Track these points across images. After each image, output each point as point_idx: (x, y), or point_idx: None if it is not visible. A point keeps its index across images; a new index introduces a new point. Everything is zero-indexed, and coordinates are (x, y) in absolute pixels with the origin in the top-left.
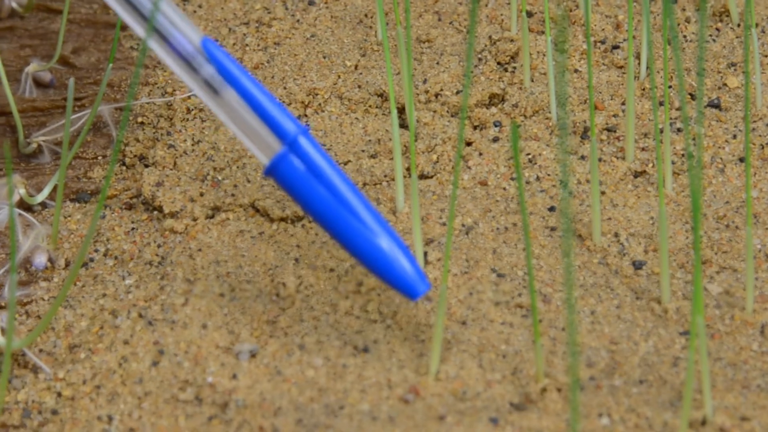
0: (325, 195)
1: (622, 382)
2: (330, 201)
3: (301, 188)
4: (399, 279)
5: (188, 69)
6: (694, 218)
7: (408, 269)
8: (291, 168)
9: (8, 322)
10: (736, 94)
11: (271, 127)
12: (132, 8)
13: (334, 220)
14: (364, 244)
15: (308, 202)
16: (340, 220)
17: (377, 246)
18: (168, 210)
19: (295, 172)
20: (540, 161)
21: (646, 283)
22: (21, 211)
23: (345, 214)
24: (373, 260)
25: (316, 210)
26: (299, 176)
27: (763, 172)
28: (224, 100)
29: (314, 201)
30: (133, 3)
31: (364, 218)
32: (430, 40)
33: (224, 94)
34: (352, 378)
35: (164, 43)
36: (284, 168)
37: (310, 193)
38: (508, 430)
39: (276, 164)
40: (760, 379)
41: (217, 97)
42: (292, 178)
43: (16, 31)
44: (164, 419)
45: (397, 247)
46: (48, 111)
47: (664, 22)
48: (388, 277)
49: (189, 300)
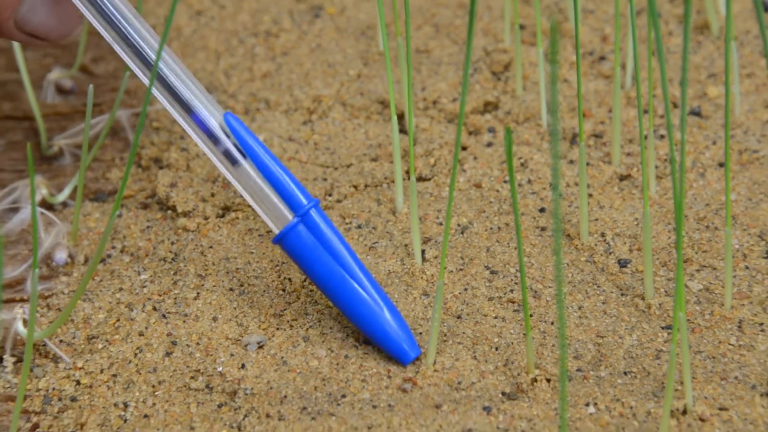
0: (331, 264)
1: (607, 374)
2: (335, 270)
3: (307, 257)
4: (394, 349)
5: (209, 143)
6: (677, 219)
7: (403, 342)
8: (299, 238)
9: (30, 314)
10: (716, 103)
11: (284, 198)
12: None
13: (337, 288)
14: (365, 314)
15: (313, 270)
16: (343, 290)
17: (377, 319)
18: (181, 209)
19: (302, 242)
20: (531, 165)
21: (631, 280)
22: (43, 210)
23: (349, 284)
24: (374, 332)
25: (320, 278)
26: (306, 246)
27: (740, 177)
28: (241, 171)
29: (319, 270)
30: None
31: (367, 290)
32: (428, 51)
33: (241, 165)
34: (353, 368)
35: (187, 117)
36: (293, 238)
37: (316, 262)
38: (500, 418)
39: (286, 234)
40: (737, 371)
41: (233, 168)
42: (300, 248)
43: None
44: (176, 406)
45: (396, 319)
46: (69, 116)
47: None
48: (385, 345)
49: (200, 294)
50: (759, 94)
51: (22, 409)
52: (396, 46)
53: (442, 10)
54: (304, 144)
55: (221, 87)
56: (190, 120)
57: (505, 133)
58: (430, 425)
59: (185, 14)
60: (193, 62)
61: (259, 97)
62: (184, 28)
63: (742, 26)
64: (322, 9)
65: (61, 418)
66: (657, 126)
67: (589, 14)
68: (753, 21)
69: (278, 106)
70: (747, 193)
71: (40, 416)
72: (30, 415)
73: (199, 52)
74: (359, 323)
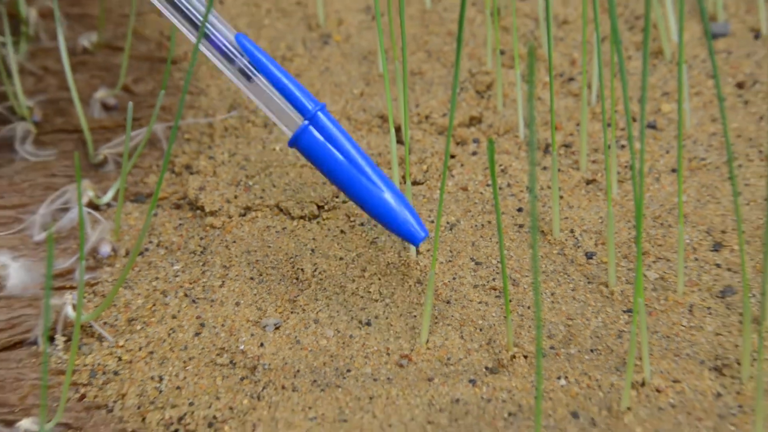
0: (340, 160)
1: (576, 351)
2: (344, 165)
3: (319, 155)
4: (402, 228)
5: (225, 61)
6: (636, 218)
7: (410, 221)
8: (311, 138)
9: (78, 299)
10: (669, 118)
11: (294, 105)
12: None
13: (347, 180)
14: (373, 200)
15: (326, 166)
16: (353, 181)
17: (385, 201)
18: (209, 209)
19: (314, 142)
20: (510, 171)
21: (596, 270)
22: (90, 210)
23: (357, 175)
24: (381, 213)
25: (332, 173)
26: (318, 145)
27: (690, 181)
28: (255, 84)
29: (331, 165)
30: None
31: (373, 178)
32: (421, 73)
33: (255, 80)
34: (357, 346)
35: (206, 42)
36: (305, 138)
37: (327, 158)
38: (483, 389)
39: (298, 136)
40: (688, 349)
41: (249, 83)
42: (312, 147)
43: (87, 65)
44: (204, 379)
45: (401, 201)
46: (112, 129)
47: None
48: (393, 226)
49: (225, 282)
50: (706, 110)
51: (72, 382)
52: (393, 69)
53: (433, 38)
54: None
55: (244, 104)
56: (209, 44)
57: (488, 143)
58: (423, 396)
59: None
60: (221, 83)
61: None
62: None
63: (691, 52)
64: (330, 37)
65: (105, 390)
66: (618, 137)
67: (559, 41)
68: (700, 47)
69: None
70: (696, 195)
71: (86, 388)
72: (78, 387)
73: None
74: (369, 210)
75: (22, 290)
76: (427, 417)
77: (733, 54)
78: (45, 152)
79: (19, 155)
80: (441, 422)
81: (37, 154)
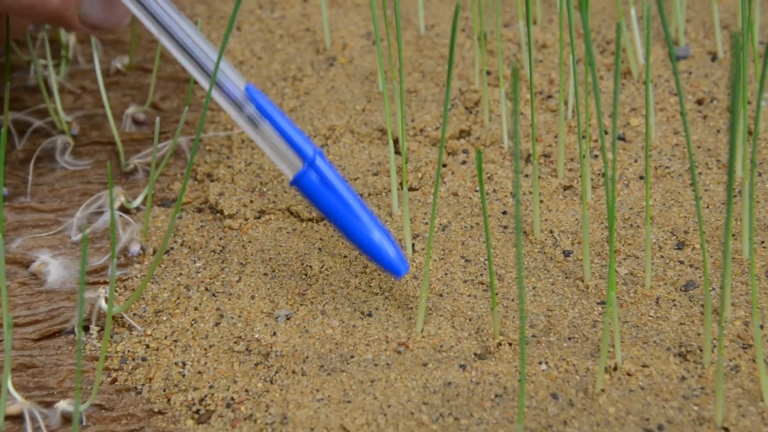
0: (334, 200)
1: (555, 339)
2: (337, 205)
3: (316, 196)
4: (387, 263)
5: (236, 108)
6: (609, 220)
7: (393, 256)
8: (309, 181)
9: (110, 293)
10: (637, 131)
11: (295, 150)
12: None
13: (340, 219)
14: (362, 237)
15: (321, 206)
16: (344, 220)
17: (371, 239)
18: (227, 212)
19: (312, 184)
20: (496, 178)
21: (573, 267)
22: (121, 214)
23: (348, 215)
24: (368, 249)
25: (327, 212)
26: (315, 187)
27: (656, 187)
28: (261, 130)
29: (326, 205)
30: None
31: (362, 218)
32: (416, 91)
33: (261, 126)
34: (359, 335)
35: (219, 90)
36: (304, 181)
37: (323, 199)
38: (473, 373)
39: (298, 178)
40: (656, 337)
41: (256, 128)
42: (310, 189)
43: (120, 84)
44: (223, 365)
45: (386, 239)
46: (142, 141)
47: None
48: (379, 261)
49: (242, 278)
50: (669, 124)
51: (104, 367)
52: (392, 88)
53: (427, 60)
54: None
55: None
56: (222, 93)
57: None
58: (419, 379)
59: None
60: None
61: None
62: None
63: (656, 72)
64: (336, 59)
65: (134, 374)
66: (592, 148)
67: (539, 63)
68: (664, 68)
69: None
70: (661, 200)
71: (117, 372)
72: (110, 372)
73: None
74: (359, 246)
75: (61, 285)
76: (423, 398)
77: (693, 74)
78: (82, 162)
79: (59, 165)
80: (435, 403)
81: (75, 163)
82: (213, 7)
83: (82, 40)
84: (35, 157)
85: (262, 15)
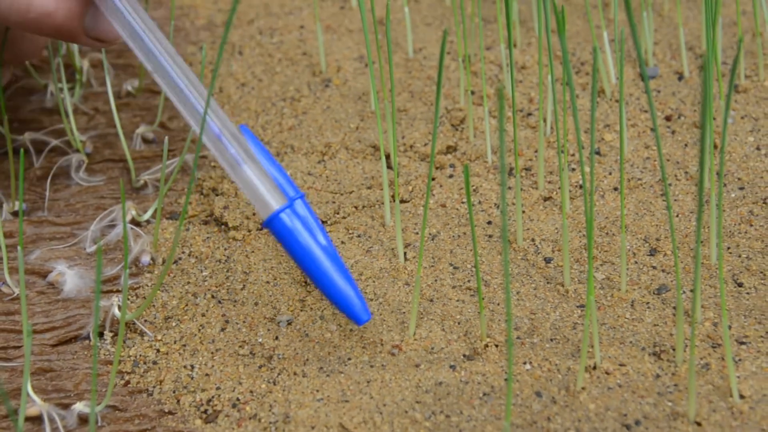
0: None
1: (538, 340)
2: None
3: (285, 239)
4: (351, 313)
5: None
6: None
7: (356, 307)
8: (281, 224)
9: (123, 301)
10: (611, 145)
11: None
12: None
13: (307, 264)
14: (327, 285)
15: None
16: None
17: (337, 288)
18: (231, 225)
19: (283, 227)
20: (481, 191)
21: (554, 273)
22: (132, 226)
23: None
24: (332, 297)
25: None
26: (286, 230)
27: (630, 198)
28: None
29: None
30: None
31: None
32: (406, 110)
33: (241, 168)
34: (356, 339)
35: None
36: (276, 224)
37: (292, 243)
38: (462, 373)
39: (270, 221)
40: (631, 338)
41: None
42: (281, 231)
43: (130, 105)
44: (229, 367)
45: (353, 289)
46: (151, 159)
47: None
48: (344, 309)
49: (246, 286)
50: (640, 139)
51: (118, 370)
52: (383, 107)
53: (416, 81)
54: (319, 177)
55: (259, 136)
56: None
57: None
58: (411, 379)
59: (233, 85)
60: (239, 120)
61: (287, 144)
62: (232, 96)
63: (628, 91)
64: (331, 81)
65: (146, 377)
66: (570, 162)
67: (519, 83)
68: (634, 87)
69: (300, 150)
70: (635, 209)
71: (130, 375)
72: (123, 375)
73: (243, 112)
74: (325, 292)
75: (77, 294)
76: (415, 397)
77: (661, 92)
78: (95, 179)
79: (74, 181)
80: (427, 401)
81: (89, 180)
82: (216, 34)
83: (95, 64)
84: (52, 174)
85: (262, 40)
